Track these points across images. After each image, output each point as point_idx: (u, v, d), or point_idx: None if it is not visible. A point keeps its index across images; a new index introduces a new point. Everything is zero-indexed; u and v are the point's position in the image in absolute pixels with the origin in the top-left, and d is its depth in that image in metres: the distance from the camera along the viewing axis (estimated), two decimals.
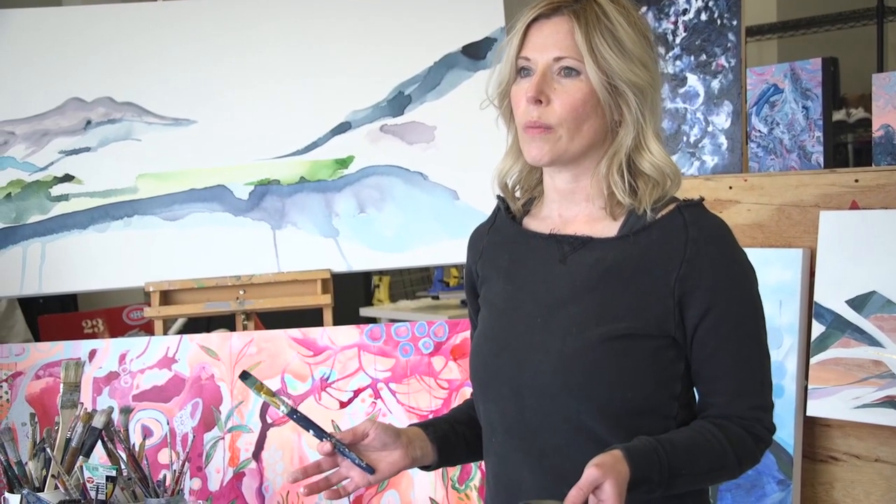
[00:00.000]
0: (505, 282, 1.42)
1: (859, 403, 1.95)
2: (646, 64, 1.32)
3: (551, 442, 1.33)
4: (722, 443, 1.30)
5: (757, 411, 1.34)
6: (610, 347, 1.30)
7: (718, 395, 1.34)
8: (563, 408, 1.31)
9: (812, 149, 2.20)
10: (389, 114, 2.54)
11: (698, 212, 1.34)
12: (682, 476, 1.26)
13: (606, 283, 1.32)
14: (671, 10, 2.40)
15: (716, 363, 1.32)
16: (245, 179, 2.50)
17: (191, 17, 2.59)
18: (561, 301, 1.34)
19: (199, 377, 2.25)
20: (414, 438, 1.41)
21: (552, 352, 1.32)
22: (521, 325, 1.37)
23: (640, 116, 1.32)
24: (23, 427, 2.14)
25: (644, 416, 1.31)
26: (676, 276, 1.30)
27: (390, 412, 2.23)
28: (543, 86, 1.31)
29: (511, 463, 1.38)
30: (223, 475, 2.21)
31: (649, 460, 1.23)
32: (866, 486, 1.99)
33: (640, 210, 1.33)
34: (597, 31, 1.29)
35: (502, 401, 1.37)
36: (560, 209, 1.40)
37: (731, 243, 1.34)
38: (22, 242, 2.44)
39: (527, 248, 1.41)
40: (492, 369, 1.39)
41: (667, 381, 1.33)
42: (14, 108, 2.51)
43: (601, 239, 1.35)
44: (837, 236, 2.02)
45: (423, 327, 2.27)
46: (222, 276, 2.43)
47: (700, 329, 1.31)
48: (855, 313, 1.97)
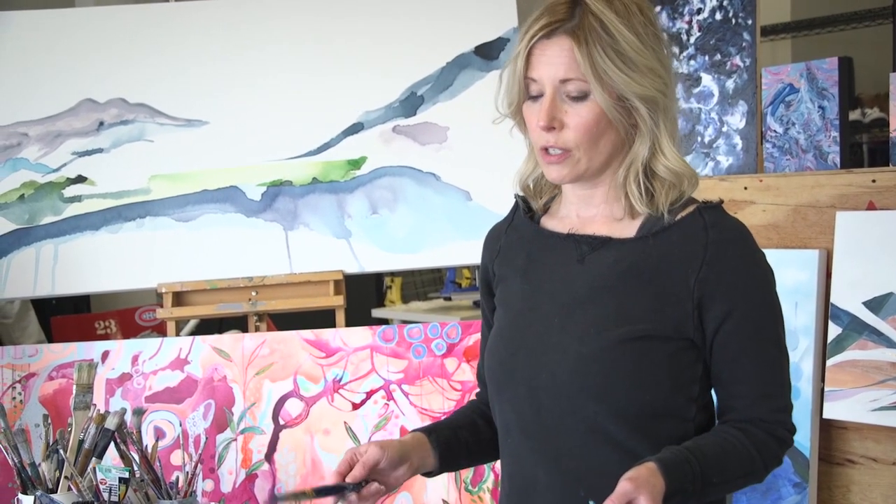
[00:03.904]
0: (522, 281, 1.41)
1: (876, 406, 1.93)
2: (654, 69, 1.29)
3: (567, 443, 1.32)
4: (749, 448, 1.29)
5: (779, 413, 1.33)
6: (628, 349, 1.29)
7: (739, 398, 1.33)
8: (579, 409, 1.30)
9: (828, 149, 2.18)
10: (402, 114, 2.53)
11: (718, 214, 1.33)
12: (713, 485, 1.25)
13: (625, 283, 1.31)
14: (685, 9, 2.38)
15: (736, 366, 1.31)
16: (257, 180, 2.49)
17: (203, 19, 2.59)
18: (578, 301, 1.33)
19: (212, 378, 2.25)
20: (416, 446, 1.40)
21: (569, 353, 1.31)
22: (537, 325, 1.36)
23: (653, 125, 1.31)
24: (36, 428, 2.14)
25: (661, 419, 1.30)
26: (696, 278, 1.29)
27: (403, 414, 2.22)
28: (554, 112, 1.29)
29: (526, 463, 1.37)
30: (236, 477, 2.20)
31: (682, 471, 1.21)
32: (884, 489, 1.97)
33: (657, 213, 1.33)
34: (597, 48, 1.26)
35: (518, 401, 1.36)
36: (578, 209, 1.39)
37: (751, 246, 1.33)
38: (35, 244, 2.44)
39: (544, 248, 1.40)
40: (508, 369, 1.38)
41: (685, 384, 1.32)
42: (27, 109, 2.51)
43: (620, 239, 1.34)
44: (854, 237, 2.00)
45: (436, 328, 2.26)
46: (235, 278, 2.43)
47: (720, 332, 1.30)
48: (872, 315, 1.95)
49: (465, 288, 4.87)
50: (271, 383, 2.24)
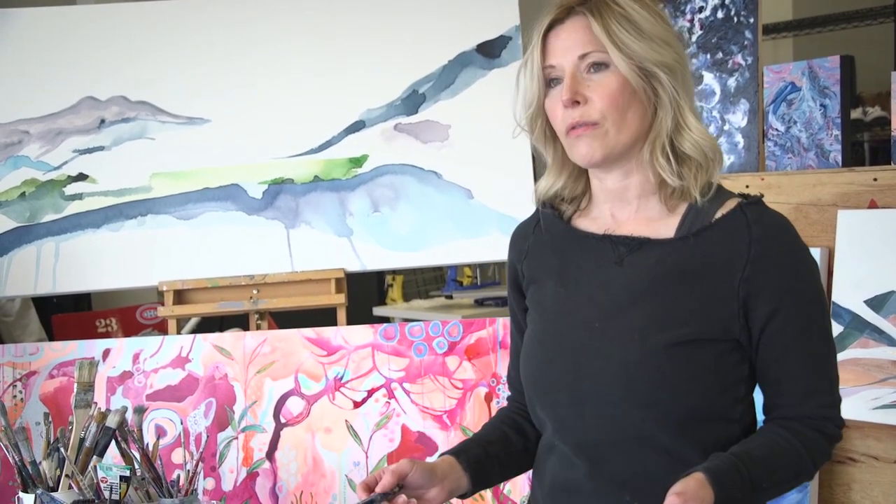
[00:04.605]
0: (556, 284, 1.37)
1: (878, 404, 1.93)
2: (668, 41, 1.29)
3: (612, 449, 1.29)
4: (797, 449, 1.26)
5: (826, 409, 1.30)
6: (674, 354, 1.25)
7: (787, 395, 1.29)
8: (624, 416, 1.27)
9: (830, 147, 2.18)
10: (404, 112, 2.53)
11: (760, 209, 1.30)
12: (763, 489, 1.22)
13: (667, 286, 1.28)
14: (687, 7, 2.38)
15: (784, 364, 1.28)
16: (259, 178, 2.49)
17: (205, 16, 2.59)
18: (619, 305, 1.30)
19: (213, 377, 2.25)
20: (448, 472, 1.37)
21: (614, 359, 1.28)
22: (577, 331, 1.33)
23: (674, 94, 1.29)
24: (37, 426, 2.14)
25: (708, 422, 1.28)
26: (741, 277, 1.26)
27: (404, 412, 2.22)
28: (577, 86, 1.28)
29: (569, 467, 1.35)
30: (237, 475, 2.20)
31: (732, 479, 1.19)
32: (885, 487, 1.97)
33: (691, 198, 1.30)
34: (613, 20, 1.27)
35: (560, 407, 1.34)
36: (612, 209, 1.36)
37: (795, 241, 1.30)
38: (36, 242, 2.44)
39: (579, 249, 1.37)
40: (548, 376, 1.35)
41: (732, 385, 1.29)
42: (28, 107, 2.51)
43: (659, 240, 1.31)
44: (856, 235, 2.00)
45: (438, 327, 2.26)
46: (236, 276, 2.43)
47: (767, 330, 1.27)
48: (874, 313, 1.95)
49: (466, 286, 4.87)
50: (272, 381, 2.24)
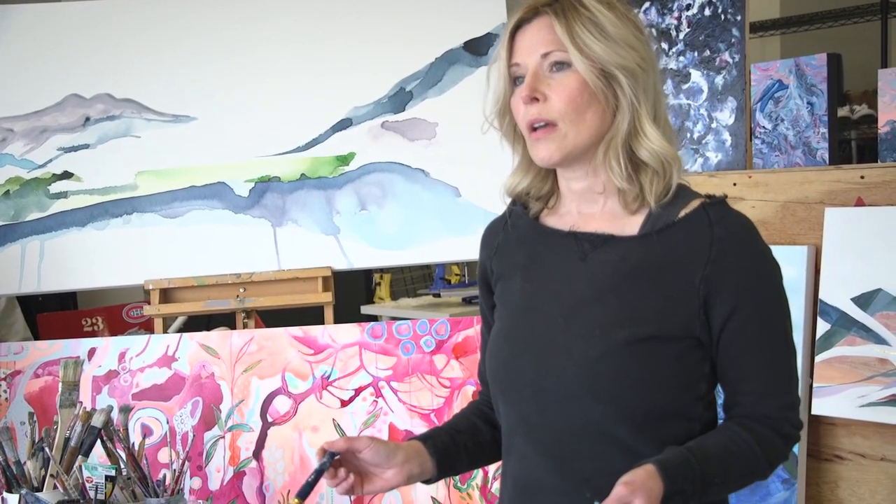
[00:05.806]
0: (523, 280, 1.39)
1: (865, 402, 1.94)
2: (632, 45, 1.30)
3: (572, 445, 1.30)
4: (752, 447, 1.27)
5: (785, 410, 1.31)
6: (635, 351, 1.27)
7: (746, 394, 1.31)
8: (586, 412, 1.29)
9: (817, 145, 2.18)
10: (391, 110, 2.52)
11: (723, 210, 1.31)
12: (714, 485, 1.23)
13: (630, 283, 1.29)
14: (674, 5, 2.38)
15: (743, 363, 1.30)
16: (245, 176, 2.48)
17: (191, 14, 2.57)
18: (582, 301, 1.31)
19: (199, 376, 2.24)
20: (412, 455, 1.38)
21: (575, 355, 1.29)
22: (541, 326, 1.34)
23: (634, 100, 1.29)
24: (21, 426, 2.13)
25: (668, 419, 1.29)
26: (702, 276, 1.27)
27: (392, 411, 2.21)
28: (537, 83, 1.30)
29: (531, 464, 1.36)
30: (223, 474, 2.19)
31: (682, 472, 1.20)
32: (871, 485, 1.98)
33: (647, 204, 1.31)
34: (577, 21, 1.28)
35: (523, 403, 1.35)
36: (579, 206, 1.38)
37: (757, 242, 1.31)
38: (20, 240, 2.43)
39: (545, 246, 1.38)
40: (512, 371, 1.36)
41: (692, 383, 1.30)
42: (13, 104, 2.49)
43: (623, 237, 1.32)
44: (843, 233, 2.00)
45: (425, 325, 2.25)
46: (222, 274, 2.42)
47: (727, 329, 1.28)
48: (860, 311, 1.95)
49: (454, 284, 4.86)
50: (259, 380, 2.24)
